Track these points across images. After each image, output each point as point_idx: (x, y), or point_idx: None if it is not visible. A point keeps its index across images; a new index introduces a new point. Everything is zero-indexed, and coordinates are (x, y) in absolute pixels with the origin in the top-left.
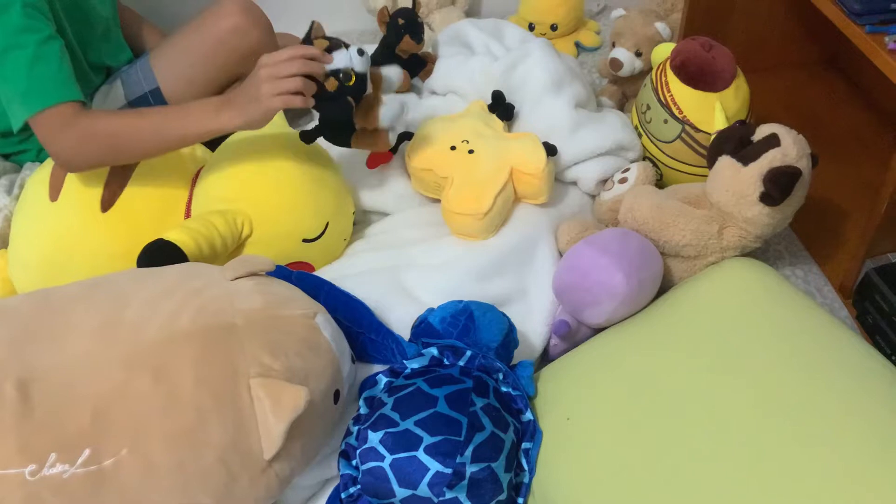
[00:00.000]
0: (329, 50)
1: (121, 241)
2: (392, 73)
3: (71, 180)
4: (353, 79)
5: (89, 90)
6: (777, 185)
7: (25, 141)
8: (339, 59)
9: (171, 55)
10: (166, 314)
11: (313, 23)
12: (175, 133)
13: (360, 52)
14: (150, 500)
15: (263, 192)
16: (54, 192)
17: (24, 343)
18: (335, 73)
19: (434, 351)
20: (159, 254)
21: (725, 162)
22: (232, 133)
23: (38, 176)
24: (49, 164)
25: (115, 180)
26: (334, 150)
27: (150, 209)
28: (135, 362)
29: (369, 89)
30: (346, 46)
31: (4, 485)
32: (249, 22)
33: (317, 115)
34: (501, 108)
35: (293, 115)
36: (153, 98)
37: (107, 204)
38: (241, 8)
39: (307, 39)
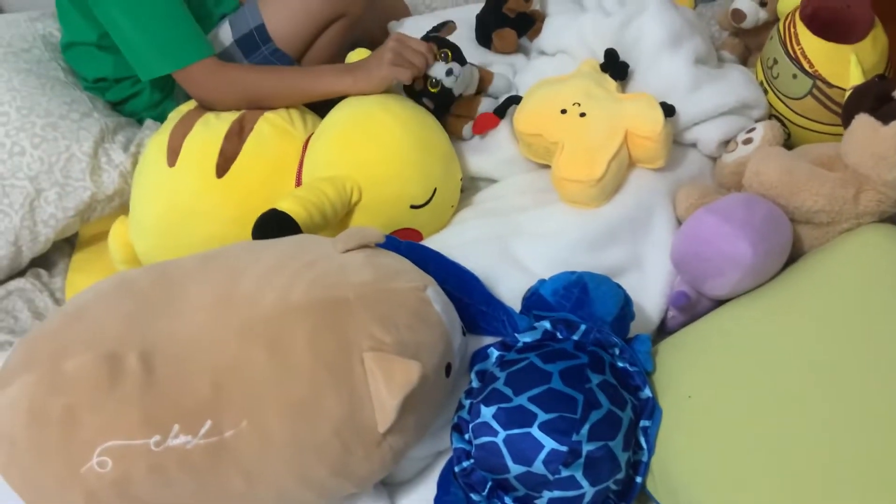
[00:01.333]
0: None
1: (234, 205)
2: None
3: (188, 146)
4: (438, 88)
5: None
6: None
7: (138, 82)
8: (436, 68)
9: None
10: (280, 287)
11: (448, 22)
12: (306, 90)
13: (449, 73)
14: (269, 472)
15: (372, 157)
16: (172, 158)
17: (144, 316)
18: (426, 77)
19: (547, 324)
20: (273, 224)
21: (863, 120)
22: (353, 94)
23: (157, 140)
24: (167, 129)
25: (230, 147)
26: None
27: (262, 175)
28: (250, 335)
29: (459, 93)
30: (452, 54)
31: (130, 455)
32: None
33: None
34: (615, 67)
35: None
36: (258, 34)
37: (221, 170)
38: None
39: (433, 30)
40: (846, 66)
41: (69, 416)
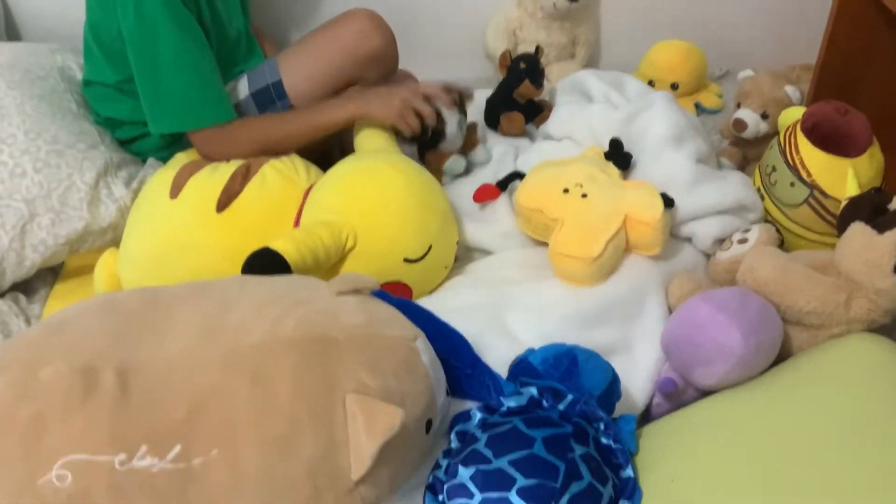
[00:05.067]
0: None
1: (230, 241)
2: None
3: (193, 182)
4: (429, 132)
5: None
6: None
7: None
8: (450, 116)
9: (296, 52)
10: (270, 320)
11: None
12: (314, 125)
13: (460, 124)
14: None
15: (371, 205)
16: (175, 191)
17: (127, 335)
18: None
19: (533, 391)
20: (264, 262)
21: (858, 228)
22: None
23: (162, 176)
24: (174, 167)
25: (233, 185)
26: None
27: (261, 215)
28: (234, 364)
29: (446, 141)
30: (464, 103)
31: (93, 471)
32: (373, 27)
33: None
34: (619, 156)
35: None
36: (274, 89)
37: (222, 205)
38: (368, 15)
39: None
40: (843, 178)
41: (36, 424)
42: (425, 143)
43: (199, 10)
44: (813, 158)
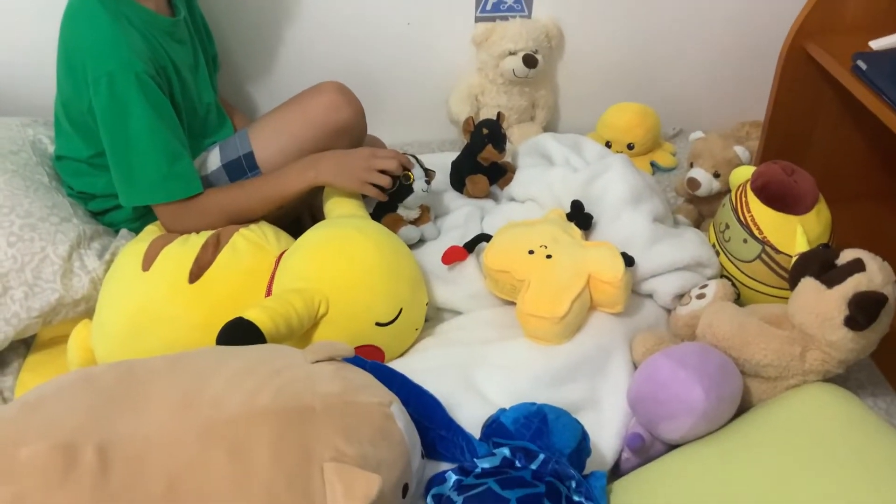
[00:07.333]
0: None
1: (203, 311)
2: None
3: (165, 253)
4: (412, 179)
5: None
6: (863, 310)
7: None
8: (418, 173)
9: (267, 124)
10: (247, 391)
11: (430, 171)
12: (276, 193)
13: (427, 183)
14: None
15: (342, 272)
16: (147, 263)
17: (105, 411)
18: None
19: (506, 451)
20: (238, 332)
21: (809, 283)
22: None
23: (134, 248)
24: (146, 239)
25: (205, 256)
26: (413, 248)
27: (233, 284)
28: (212, 436)
29: (413, 195)
30: (428, 174)
31: None
32: (343, 100)
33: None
34: (580, 217)
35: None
36: (245, 161)
37: (194, 276)
38: (337, 88)
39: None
40: (793, 234)
41: None
42: (392, 196)
43: (170, 87)
44: (763, 216)
